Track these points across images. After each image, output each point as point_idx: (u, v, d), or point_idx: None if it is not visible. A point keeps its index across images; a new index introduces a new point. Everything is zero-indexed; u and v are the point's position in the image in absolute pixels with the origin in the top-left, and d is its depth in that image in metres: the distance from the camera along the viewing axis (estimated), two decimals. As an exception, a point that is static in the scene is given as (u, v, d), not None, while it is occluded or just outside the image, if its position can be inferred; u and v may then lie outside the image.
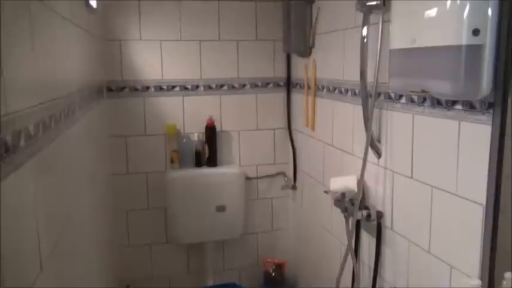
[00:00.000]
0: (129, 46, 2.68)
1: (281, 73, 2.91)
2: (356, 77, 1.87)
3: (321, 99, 2.43)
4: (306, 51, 2.53)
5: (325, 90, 2.35)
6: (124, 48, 2.67)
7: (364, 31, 1.75)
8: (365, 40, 1.76)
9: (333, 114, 2.27)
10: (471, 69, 1.20)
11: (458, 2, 1.20)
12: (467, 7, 1.18)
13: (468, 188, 1.34)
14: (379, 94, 1.78)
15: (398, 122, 1.69)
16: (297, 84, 2.81)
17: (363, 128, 1.83)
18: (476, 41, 1.18)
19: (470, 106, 1.31)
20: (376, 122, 1.83)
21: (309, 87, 2.57)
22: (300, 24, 2.50)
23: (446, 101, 1.39)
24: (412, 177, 1.61)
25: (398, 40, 1.44)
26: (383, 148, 1.79)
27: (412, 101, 1.58)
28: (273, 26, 2.83)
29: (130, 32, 2.67)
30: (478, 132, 1.28)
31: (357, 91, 1.98)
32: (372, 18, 1.75)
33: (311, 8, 2.47)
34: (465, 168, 1.35)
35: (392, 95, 1.70)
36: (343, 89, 2.14)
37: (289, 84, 2.91)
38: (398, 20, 1.46)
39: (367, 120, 1.80)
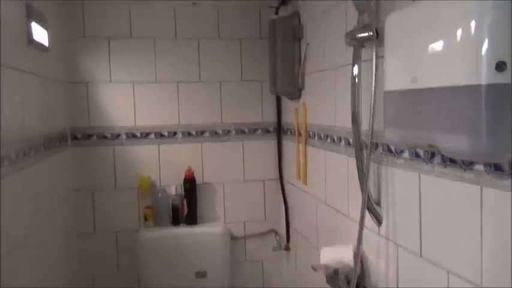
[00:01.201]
0: (97, 89, 2.38)
1: (270, 117, 2.59)
2: (350, 123, 1.54)
3: (312, 148, 2.08)
4: (295, 93, 2.21)
5: (316, 137, 2.01)
6: (91, 92, 2.38)
7: (356, 69, 1.42)
8: (356, 80, 1.43)
9: (326, 166, 1.91)
10: (496, 118, 0.85)
11: (474, 27, 0.86)
12: (487, 33, 0.84)
13: (497, 280, 0.96)
14: (376, 145, 1.43)
15: (401, 181, 1.32)
16: (288, 130, 2.48)
17: (359, 185, 1.47)
18: (501, 78, 0.84)
19: (495, 167, 0.95)
20: (373, 180, 1.47)
21: (299, 134, 2.24)
22: (288, 62, 2.19)
23: (462, 159, 1.04)
24: (421, 256, 1.23)
25: (395, 79, 1.11)
26: (383, 213, 1.42)
27: (417, 155, 1.22)
28: (259, 65, 2.53)
29: (99, 73, 2.38)
30: (507, 203, 0.91)
31: (351, 140, 1.64)
32: (365, 53, 1.42)
33: (299, 44, 2.18)
34: (492, 251, 0.98)
35: (393, 147, 1.35)
36: (335, 137, 1.79)
37: (279, 130, 2.58)
38: (394, 55, 1.13)
39: (362, 176, 1.45)
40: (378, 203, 1.44)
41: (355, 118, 1.45)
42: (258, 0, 2.45)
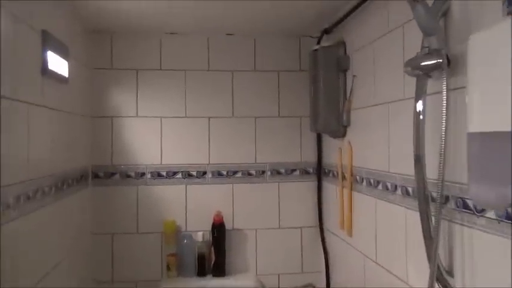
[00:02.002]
0: (123, 124, 2.21)
1: (310, 157, 2.33)
2: (409, 169, 1.26)
3: (359, 194, 1.80)
4: (340, 130, 1.95)
5: (364, 182, 1.73)
6: (116, 127, 2.20)
7: (420, 104, 1.16)
8: (421, 117, 1.16)
9: (376, 217, 1.62)
10: None
11: None
12: None
13: None
14: (447, 198, 1.14)
15: (483, 247, 1.03)
16: (329, 171, 2.21)
17: (422, 245, 1.18)
18: None
19: None
20: (443, 242, 1.17)
21: (344, 177, 1.96)
22: (331, 97, 1.94)
23: None
24: None
25: (486, 118, 0.84)
26: (457, 286, 1.12)
27: (508, 217, 0.93)
28: (299, 99, 2.31)
29: (125, 107, 2.21)
30: None
31: (410, 189, 1.35)
32: (431, 84, 1.16)
33: (344, 76, 1.93)
34: None
35: (470, 202, 1.06)
36: (389, 185, 1.51)
37: (320, 172, 2.31)
38: (484, 86, 0.86)
39: (428, 237, 1.16)
40: (450, 273, 1.14)
41: (420, 163, 1.17)
42: (298, 29, 2.23)
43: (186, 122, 2.25)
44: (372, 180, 1.66)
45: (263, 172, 2.30)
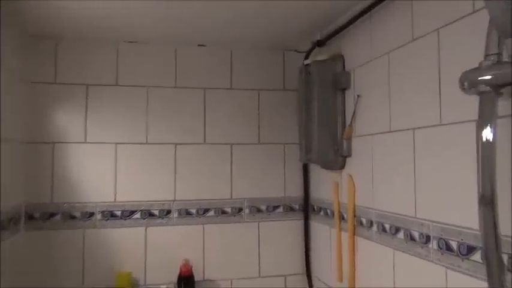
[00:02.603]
0: (67, 151, 1.77)
1: (295, 191, 1.98)
2: (451, 216, 0.94)
3: (366, 241, 1.45)
4: (337, 161, 1.62)
5: (375, 227, 1.39)
6: (58, 156, 1.77)
7: (487, 131, 0.83)
8: (489, 148, 0.83)
9: (396, 274, 1.28)
10: None
11: None
12: None
13: None
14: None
15: None
16: (320, 209, 1.86)
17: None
18: None
19: None
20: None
21: (342, 218, 1.62)
22: (328, 121, 1.62)
23: None
24: None
25: None
26: None
27: None
28: (283, 123, 1.97)
29: (71, 131, 1.79)
30: None
31: (453, 244, 1.02)
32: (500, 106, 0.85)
33: (343, 97, 1.62)
34: None
35: None
36: (416, 234, 1.18)
37: (307, 209, 1.96)
38: None
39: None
40: None
41: (489, 208, 0.84)
42: (283, 41, 1.91)
43: (147, 150, 1.84)
44: (387, 226, 1.32)
45: (240, 210, 1.92)
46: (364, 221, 1.46)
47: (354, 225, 1.52)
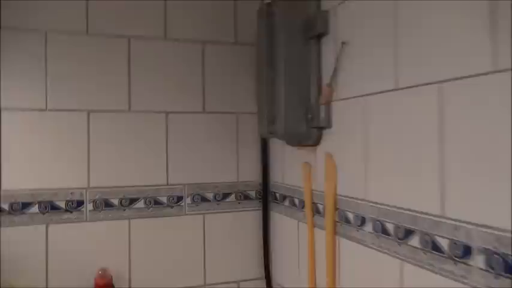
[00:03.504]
0: None
1: (251, 175, 1.55)
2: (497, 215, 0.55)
3: (352, 243, 1.05)
4: (311, 135, 1.19)
5: (369, 227, 0.99)
6: None
7: None
8: None
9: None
10: None
11: None
12: None
13: None
14: None
15: None
16: (284, 198, 1.45)
17: None
18: None
19: None
20: None
21: (315, 210, 1.22)
22: (297, 81, 1.18)
23: None
24: None
25: None
26: None
27: None
28: (234, 87, 1.52)
29: None
30: None
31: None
32: None
33: (318, 47, 1.19)
34: None
35: None
36: (444, 242, 0.78)
37: (266, 196, 1.54)
38: None
39: None
40: None
41: None
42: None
43: (48, 119, 1.33)
44: (389, 227, 0.92)
45: (179, 199, 1.46)
46: (350, 217, 1.06)
47: (334, 222, 1.12)
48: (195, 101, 1.48)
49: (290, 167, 1.39)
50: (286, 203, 1.42)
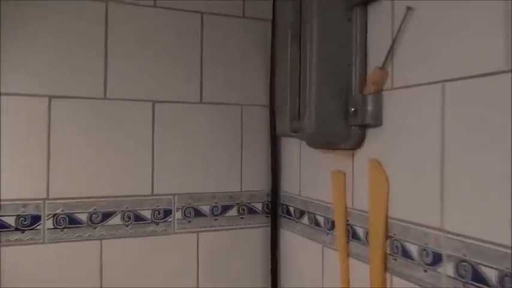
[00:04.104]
0: None
1: (258, 184, 1.24)
2: None
3: (407, 284, 0.76)
4: (350, 135, 0.89)
5: (448, 269, 0.69)
6: None
7: None
8: None
9: None
10: None
11: None
12: None
13: None
14: None
15: None
16: (302, 214, 1.14)
17: None
18: None
19: None
20: None
21: (351, 236, 0.92)
22: (334, 63, 0.88)
23: None
24: None
25: None
26: None
27: None
28: (242, 71, 1.21)
29: None
30: None
31: None
32: None
33: (363, 15, 0.88)
34: None
35: None
36: None
37: (275, 211, 1.23)
38: None
39: None
40: None
41: None
42: None
43: (-7, 106, 0.99)
44: (489, 274, 0.62)
45: (167, 213, 1.14)
46: (413, 250, 0.76)
47: (384, 254, 0.82)
48: (190, 88, 1.16)
49: (312, 174, 1.09)
50: (305, 220, 1.11)
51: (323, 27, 0.88)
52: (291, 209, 1.18)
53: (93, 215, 1.06)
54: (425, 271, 0.73)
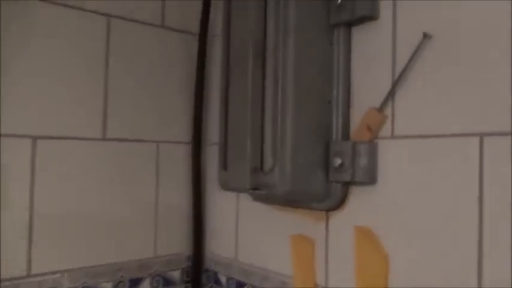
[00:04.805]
0: None
1: (177, 245, 0.94)
2: None
3: None
4: (331, 193, 0.68)
5: None
6: None
7: None
8: None
9: None
10: None
11: None
12: None
13: None
14: None
15: None
16: (236, 285, 0.88)
17: None
18: None
19: None
20: None
21: (327, 325, 0.70)
22: (310, 97, 0.67)
23: None
24: None
25: None
26: None
27: None
28: (160, 96, 0.92)
29: None
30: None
31: None
32: None
33: (347, 42, 0.69)
34: None
35: None
36: None
37: (199, 280, 0.95)
38: None
39: None
40: None
41: None
42: None
43: None
44: None
45: (48, 298, 0.78)
46: None
47: None
48: (91, 121, 0.83)
49: (257, 234, 0.84)
50: (244, 295, 0.86)
51: (301, 51, 0.66)
52: (222, 278, 0.92)
53: None
54: None
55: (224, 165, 0.73)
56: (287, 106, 0.64)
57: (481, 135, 0.54)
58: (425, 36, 0.59)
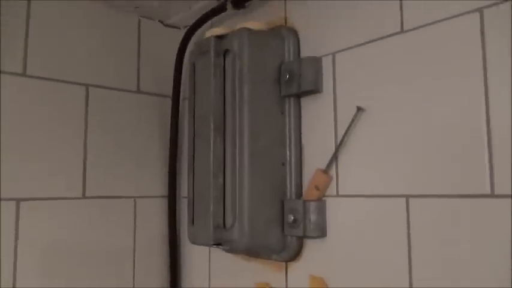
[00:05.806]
0: None
1: (153, 294, 1.00)
2: None
3: None
4: (287, 246, 0.75)
5: None
6: None
7: None
8: None
9: None
10: None
11: None
12: None
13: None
14: None
15: None
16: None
17: None
18: None
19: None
20: None
21: None
22: (266, 160, 0.75)
23: None
24: None
25: None
26: None
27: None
28: (137, 154, 1.00)
29: None
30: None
31: None
32: None
33: (297, 110, 0.78)
34: None
35: None
36: None
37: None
38: None
39: None
40: None
41: None
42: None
43: None
44: None
45: None
46: None
47: None
48: (71, 182, 0.90)
49: (228, 282, 0.91)
50: None
51: (255, 119, 0.74)
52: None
53: None
54: None
55: (192, 220, 0.80)
56: (244, 169, 0.73)
57: (407, 197, 0.62)
58: (359, 109, 0.68)
